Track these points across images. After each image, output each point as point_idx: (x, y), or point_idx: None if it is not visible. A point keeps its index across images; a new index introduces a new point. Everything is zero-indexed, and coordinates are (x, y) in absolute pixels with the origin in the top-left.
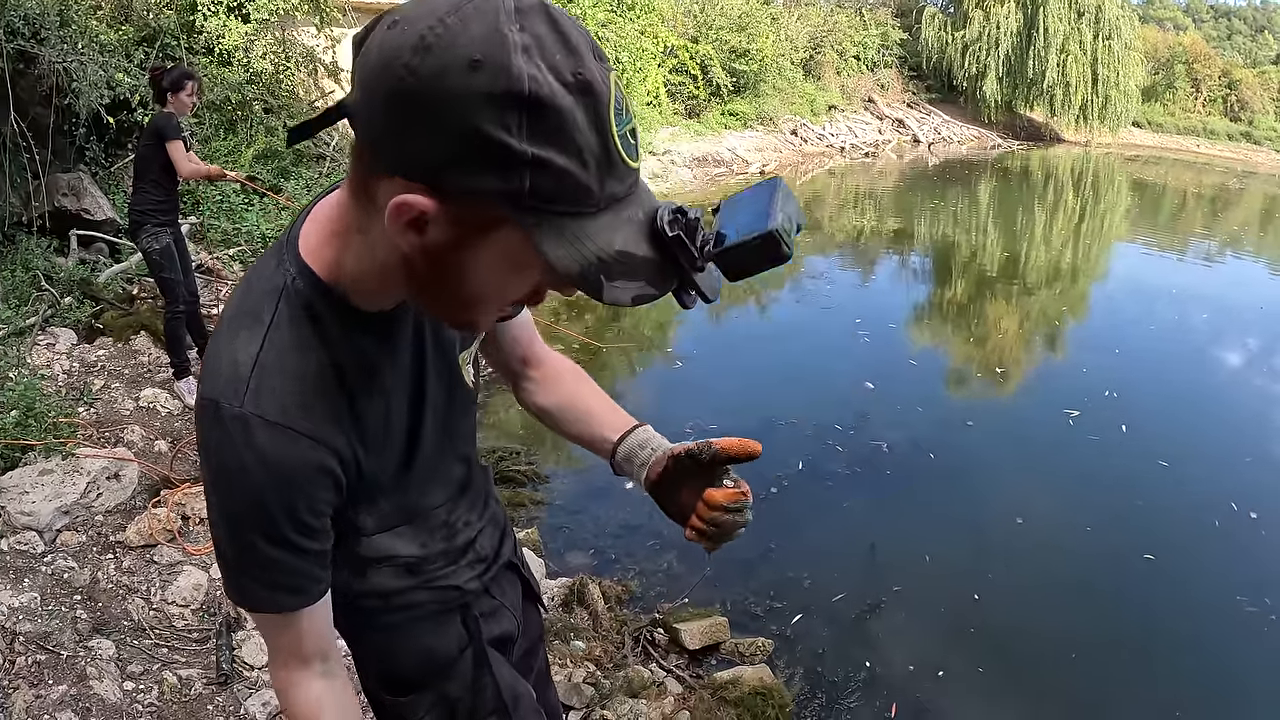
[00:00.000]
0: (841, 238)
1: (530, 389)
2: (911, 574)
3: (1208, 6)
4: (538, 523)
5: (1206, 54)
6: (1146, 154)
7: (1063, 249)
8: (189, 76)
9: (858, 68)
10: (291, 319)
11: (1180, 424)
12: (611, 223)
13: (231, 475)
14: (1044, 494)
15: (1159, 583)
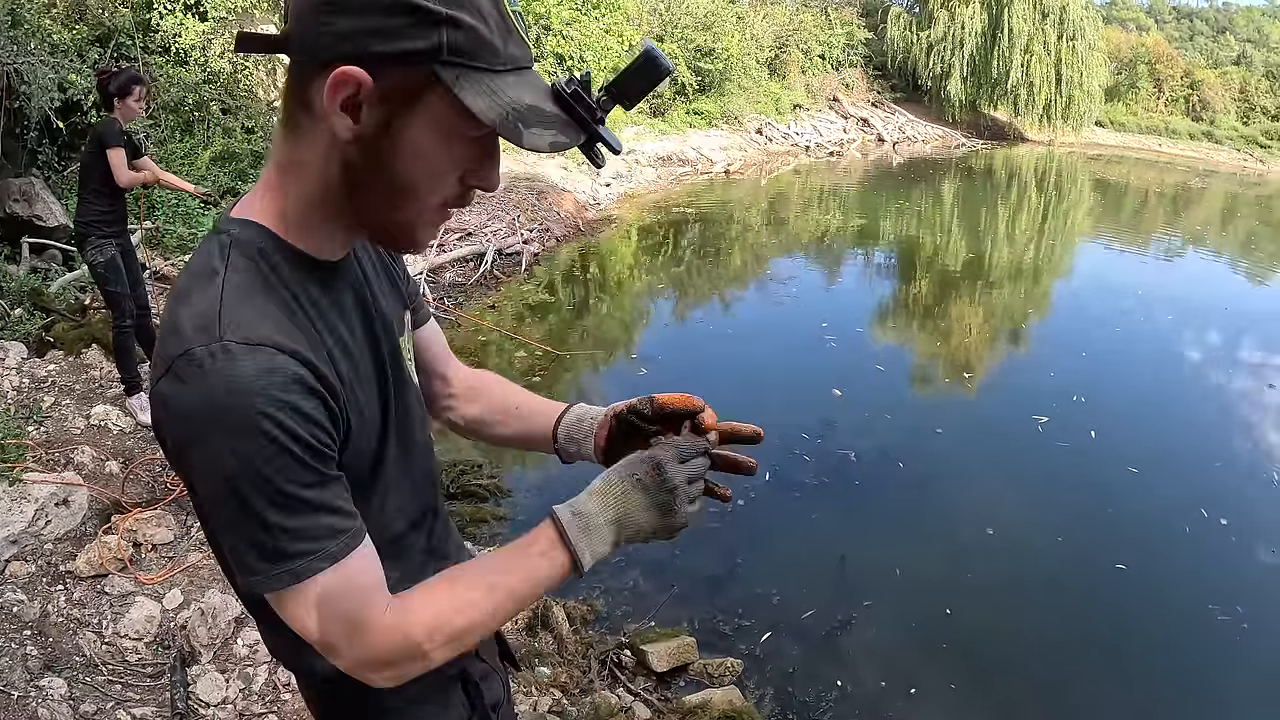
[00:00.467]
0: (806, 237)
1: (453, 404)
2: (882, 588)
3: (1170, 8)
4: (500, 540)
5: (1169, 54)
6: (1109, 153)
7: (1027, 249)
8: (136, 81)
9: (823, 67)
10: (246, 266)
11: (1148, 429)
12: (518, 83)
13: (224, 414)
14: (1015, 503)
15: (1132, 593)
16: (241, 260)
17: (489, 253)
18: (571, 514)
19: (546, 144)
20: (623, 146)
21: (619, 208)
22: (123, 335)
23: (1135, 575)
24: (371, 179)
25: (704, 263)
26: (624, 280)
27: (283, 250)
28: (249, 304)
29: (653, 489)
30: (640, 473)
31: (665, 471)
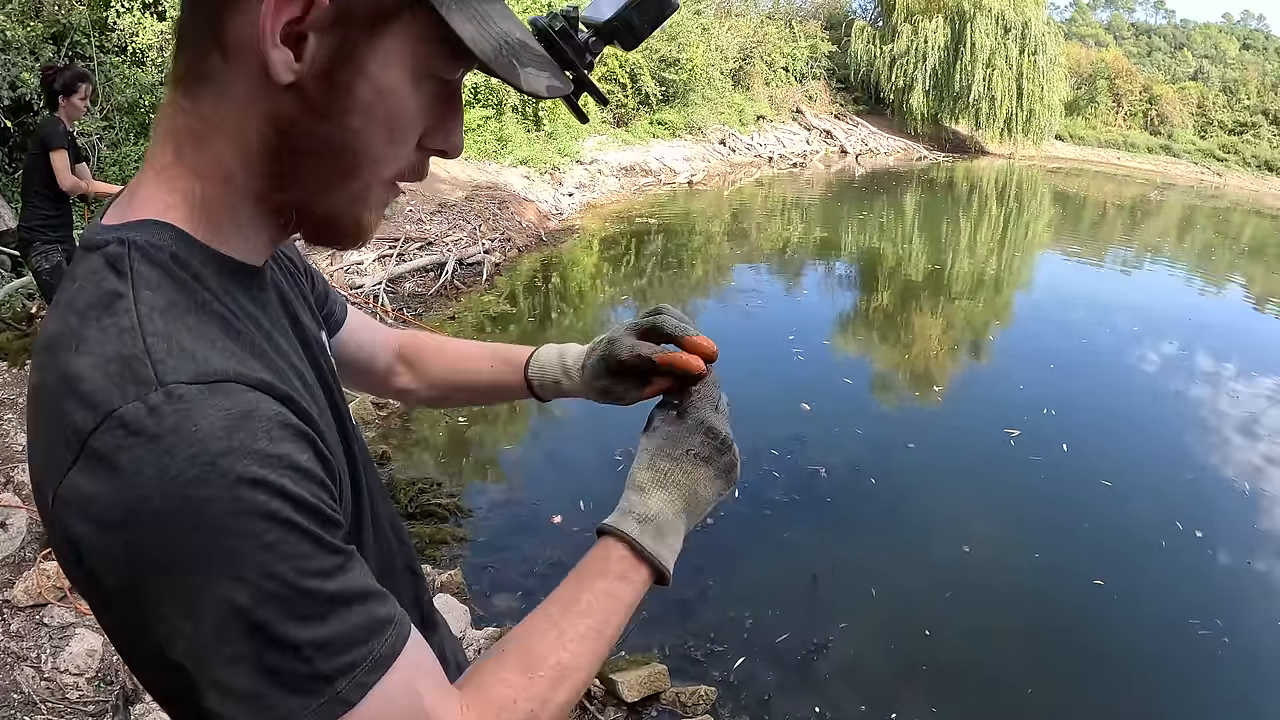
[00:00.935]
0: (770, 249)
1: (404, 373)
2: (858, 609)
3: (1128, 24)
4: (461, 562)
5: (1128, 70)
6: (1069, 166)
7: (991, 261)
8: (82, 78)
9: (786, 79)
10: (160, 279)
11: (1120, 441)
12: (504, 13)
13: (196, 500)
14: (990, 519)
15: (1111, 609)
16: (151, 272)
17: (450, 262)
18: (638, 523)
19: (543, 87)
20: (606, 98)
21: (581, 217)
22: None
23: (1114, 591)
24: (312, 139)
25: (667, 274)
26: (586, 291)
27: (200, 253)
28: (181, 327)
29: (714, 457)
30: (694, 445)
31: (720, 433)
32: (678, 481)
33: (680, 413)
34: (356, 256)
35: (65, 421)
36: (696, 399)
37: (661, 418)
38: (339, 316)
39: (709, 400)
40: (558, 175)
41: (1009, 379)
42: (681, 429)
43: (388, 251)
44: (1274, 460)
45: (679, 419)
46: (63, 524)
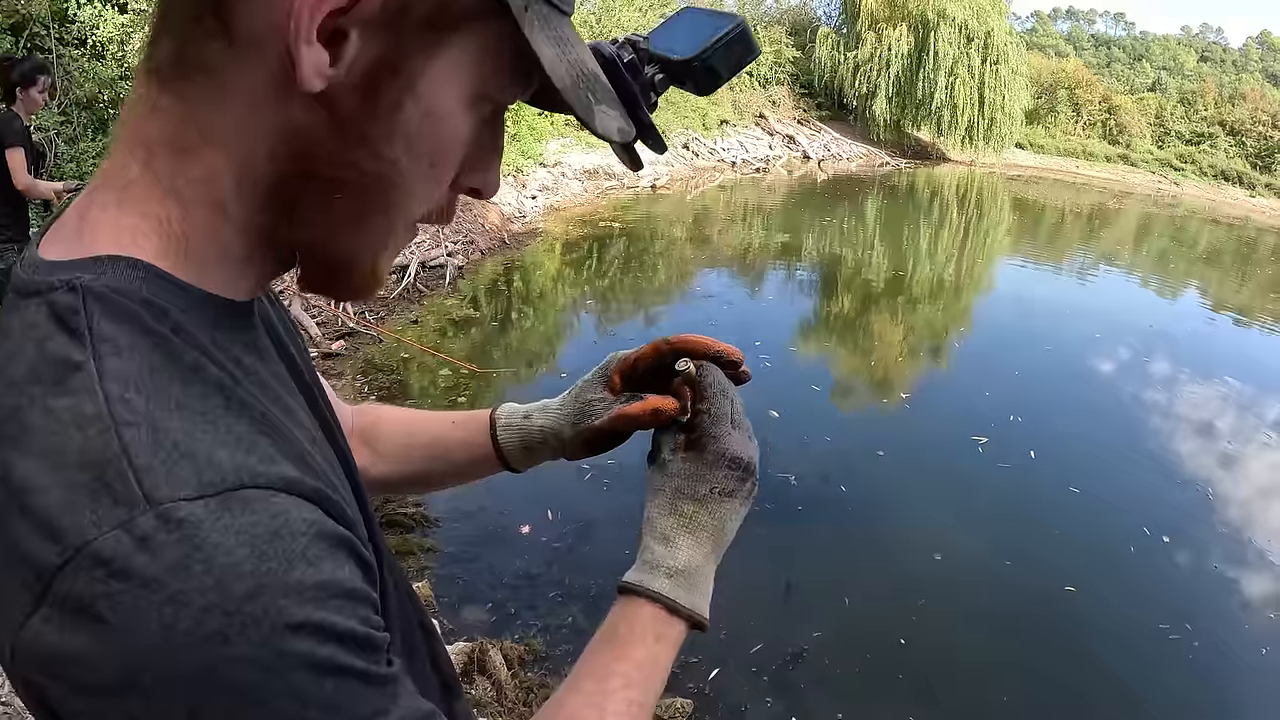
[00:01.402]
0: (734, 254)
1: (360, 450)
2: (832, 618)
3: (1088, 35)
4: (429, 574)
5: (1088, 80)
6: (1028, 174)
7: (955, 267)
8: (42, 70)
9: (750, 83)
10: (131, 335)
11: (1086, 447)
12: (576, 38)
13: (219, 662)
14: (961, 527)
15: (1083, 616)
16: (118, 329)
17: (412, 265)
18: (669, 578)
19: (615, 130)
20: (665, 146)
21: (544, 221)
22: None
23: (1085, 597)
24: (336, 166)
25: (630, 278)
26: (549, 294)
27: (181, 297)
28: (168, 408)
29: (740, 488)
30: (719, 481)
31: (744, 460)
32: (705, 524)
33: (695, 442)
34: None
35: (17, 550)
36: (709, 420)
37: (672, 447)
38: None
39: (723, 417)
40: (521, 177)
41: (975, 386)
42: (702, 465)
43: None
44: (1233, 462)
45: (697, 452)
46: (33, 685)
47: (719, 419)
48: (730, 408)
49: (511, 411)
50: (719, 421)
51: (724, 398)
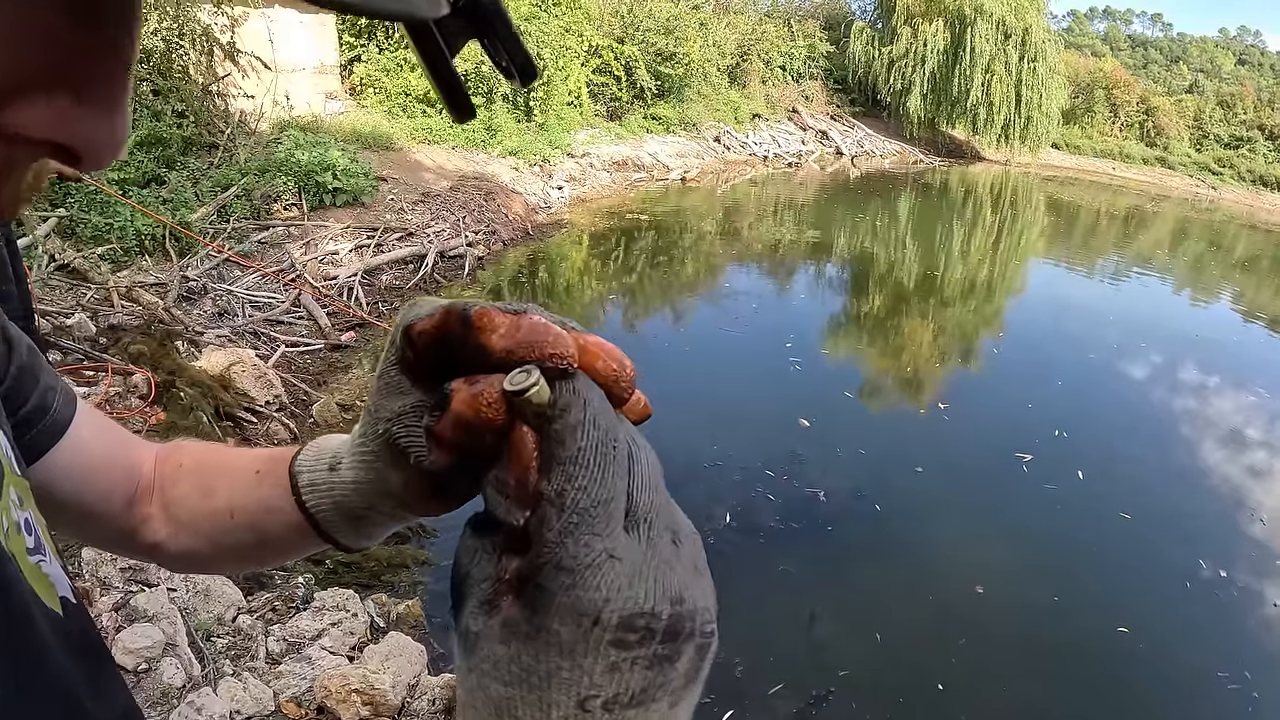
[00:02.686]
0: (766, 250)
1: (157, 517)
2: (861, 655)
3: (1125, 36)
4: (421, 590)
5: (1126, 81)
6: (1064, 175)
7: (990, 270)
8: None
9: (783, 78)
10: None
11: (1135, 468)
12: None
13: None
14: (1005, 556)
15: (1136, 662)
16: None
17: (430, 255)
18: None
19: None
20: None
21: (570, 212)
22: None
23: (1138, 639)
24: None
25: (658, 272)
26: (573, 288)
27: None
28: None
29: (656, 678)
30: (594, 680)
31: (650, 608)
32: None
33: (531, 581)
34: (332, 245)
35: None
36: (561, 524)
37: (480, 599)
38: (57, 418)
39: (597, 510)
40: (547, 168)
41: (1016, 396)
42: (544, 644)
43: (365, 241)
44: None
45: (528, 607)
46: None
47: (587, 516)
48: (616, 486)
49: (317, 457)
50: (584, 524)
51: (604, 464)
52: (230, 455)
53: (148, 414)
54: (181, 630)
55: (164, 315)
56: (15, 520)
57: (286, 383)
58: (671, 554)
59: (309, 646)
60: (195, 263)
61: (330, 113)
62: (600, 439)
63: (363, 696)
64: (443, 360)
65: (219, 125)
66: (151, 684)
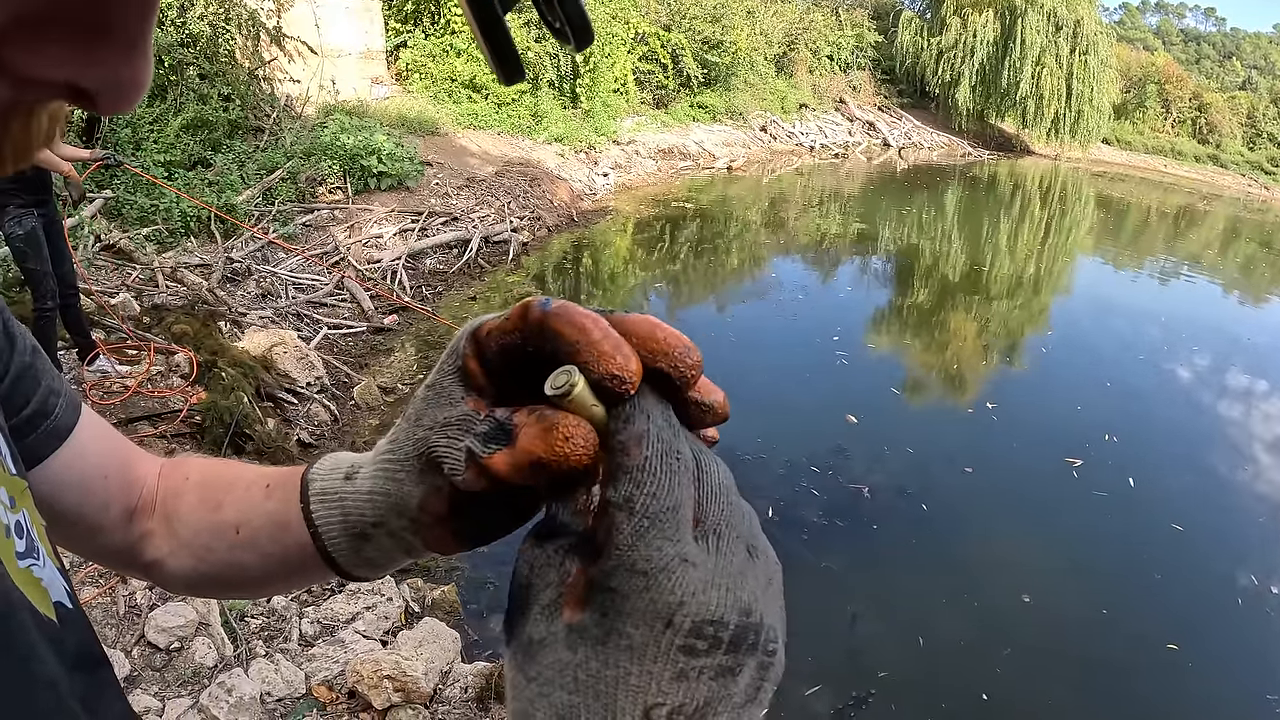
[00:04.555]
0: (812, 241)
1: (159, 532)
2: (902, 659)
3: (1178, 30)
4: (457, 576)
5: (1179, 75)
6: (1114, 171)
7: (1038, 267)
8: None
9: (831, 68)
10: None
11: (1186, 476)
12: None
13: None
14: (1054, 565)
15: (1186, 679)
16: None
17: (474, 240)
18: None
19: None
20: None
21: (615, 199)
22: (44, 321)
23: (1188, 657)
24: None
25: (703, 261)
26: (618, 275)
27: None
28: None
29: (724, 689)
30: (662, 686)
31: (720, 617)
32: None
33: (601, 587)
34: (376, 229)
35: None
36: (632, 528)
37: (544, 604)
38: (58, 424)
39: (666, 517)
40: (593, 154)
41: (1065, 398)
42: (614, 648)
43: (409, 225)
44: None
45: (598, 611)
46: None
47: (658, 521)
48: (682, 494)
49: (334, 467)
50: (655, 528)
51: (669, 472)
52: (240, 470)
53: (189, 393)
54: (215, 610)
55: (208, 296)
56: (4, 523)
57: (328, 364)
58: (744, 566)
59: (342, 630)
60: (240, 244)
61: (376, 97)
62: (664, 450)
63: (394, 682)
64: (508, 369)
65: (265, 109)
66: (183, 663)
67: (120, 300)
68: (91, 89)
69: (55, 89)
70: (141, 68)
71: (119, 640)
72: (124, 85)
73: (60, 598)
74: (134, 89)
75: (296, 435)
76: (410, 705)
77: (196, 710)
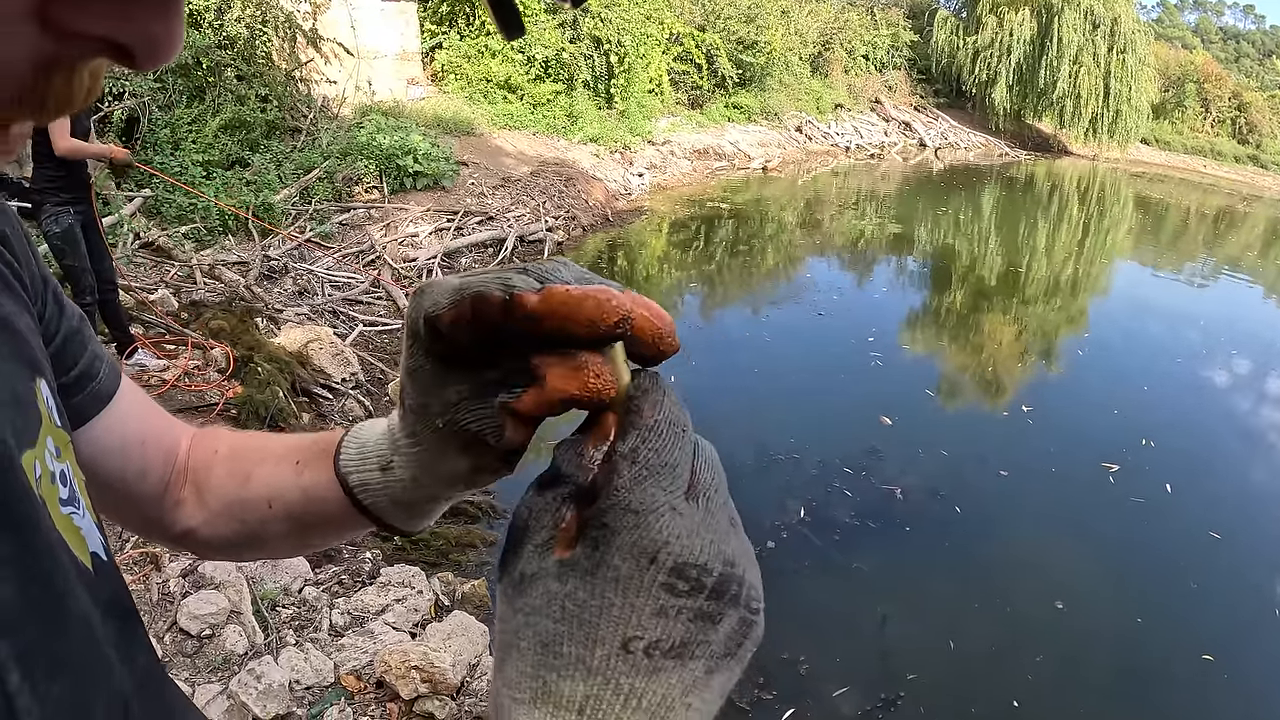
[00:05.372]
0: (847, 242)
1: (190, 501)
2: (932, 663)
3: (1216, 28)
4: (487, 570)
5: (1218, 74)
6: (1152, 171)
7: (1075, 268)
8: None
9: (866, 67)
10: None
11: (1224, 483)
12: None
13: None
14: (1088, 571)
15: (1221, 691)
16: None
17: (510, 239)
18: None
19: None
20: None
21: (650, 199)
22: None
23: (1223, 669)
24: None
25: (738, 261)
26: (652, 275)
27: None
28: None
29: (700, 635)
30: (640, 626)
31: (702, 562)
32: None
33: (597, 524)
34: (412, 228)
35: None
36: (631, 475)
37: (538, 542)
38: (101, 387)
39: (663, 472)
40: (628, 154)
41: (1102, 401)
42: (601, 579)
43: (445, 224)
44: None
45: (595, 547)
46: None
47: (656, 473)
48: (681, 457)
49: (362, 456)
50: (653, 477)
51: (674, 436)
52: (267, 442)
53: (225, 387)
54: (247, 598)
55: (245, 293)
56: (50, 469)
57: (363, 361)
58: (728, 529)
59: (372, 621)
60: (276, 243)
61: (412, 98)
62: (672, 418)
63: (422, 673)
64: (484, 343)
65: (302, 110)
66: (214, 650)
67: (159, 296)
68: (129, 44)
69: (96, 44)
70: (174, 25)
71: (151, 626)
72: (158, 41)
73: (96, 549)
74: (168, 45)
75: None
76: (437, 696)
77: (226, 696)
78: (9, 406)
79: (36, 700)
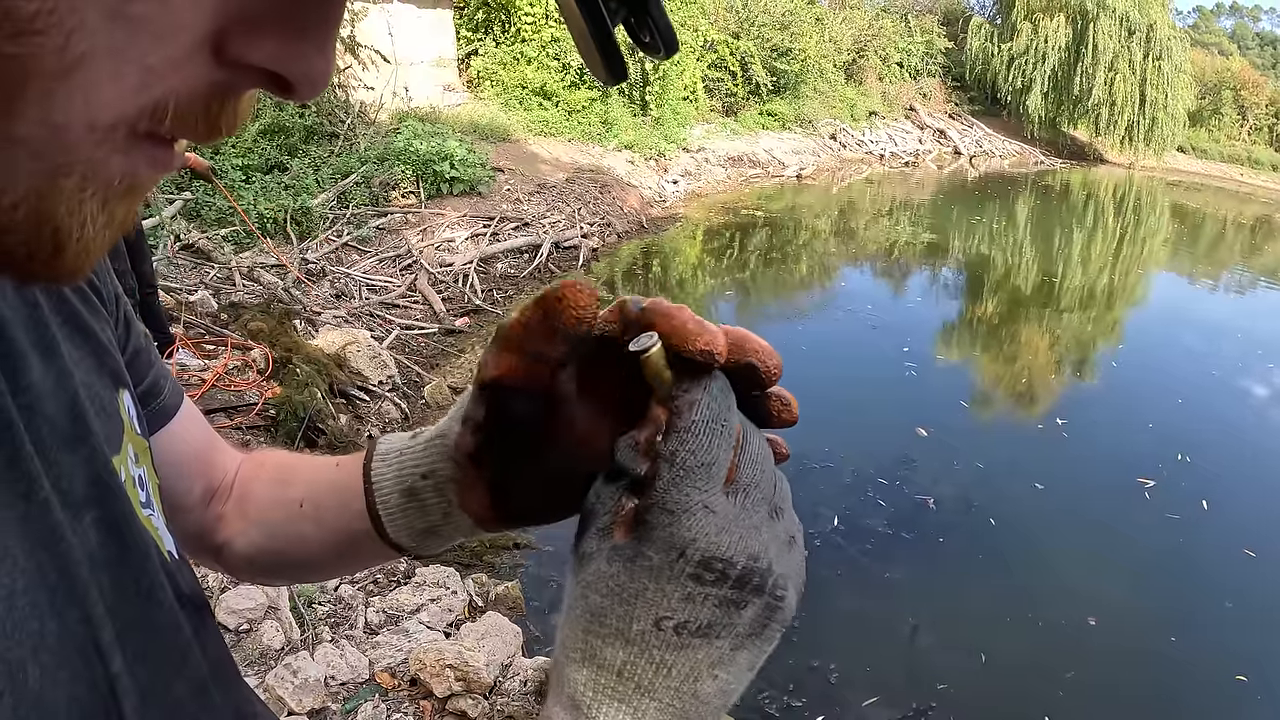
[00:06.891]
0: (883, 251)
1: (232, 517)
2: (963, 674)
3: (1254, 34)
4: (521, 573)
5: (1255, 81)
6: (1189, 180)
7: (1112, 279)
8: None
9: (900, 75)
10: None
11: (1261, 500)
12: None
13: None
14: (1121, 587)
15: (1254, 712)
16: None
17: (545, 245)
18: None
19: None
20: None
21: (685, 206)
22: None
23: (1256, 689)
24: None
25: (773, 270)
26: (687, 282)
27: None
28: None
29: (726, 619)
30: (670, 607)
31: (729, 557)
32: (648, 686)
33: (642, 518)
34: (448, 233)
35: None
36: (670, 475)
37: (606, 521)
38: (166, 403)
39: (700, 472)
40: (663, 162)
41: (1137, 415)
42: (639, 567)
43: (481, 230)
44: None
45: (638, 541)
46: None
47: (692, 474)
48: (719, 455)
49: (409, 432)
50: (689, 479)
51: (712, 435)
52: (317, 458)
53: (264, 387)
54: (285, 595)
55: (283, 295)
56: (133, 474)
57: (400, 364)
58: (762, 522)
59: (407, 620)
60: (315, 246)
61: (448, 104)
62: (711, 417)
63: (456, 672)
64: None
65: (340, 115)
66: (251, 644)
67: (198, 297)
68: (291, 78)
69: (260, 76)
70: (329, 61)
71: None
72: (316, 77)
73: (171, 549)
74: (322, 81)
75: (368, 431)
76: (470, 695)
77: (262, 690)
78: (100, 415)
79: (134, 682)
